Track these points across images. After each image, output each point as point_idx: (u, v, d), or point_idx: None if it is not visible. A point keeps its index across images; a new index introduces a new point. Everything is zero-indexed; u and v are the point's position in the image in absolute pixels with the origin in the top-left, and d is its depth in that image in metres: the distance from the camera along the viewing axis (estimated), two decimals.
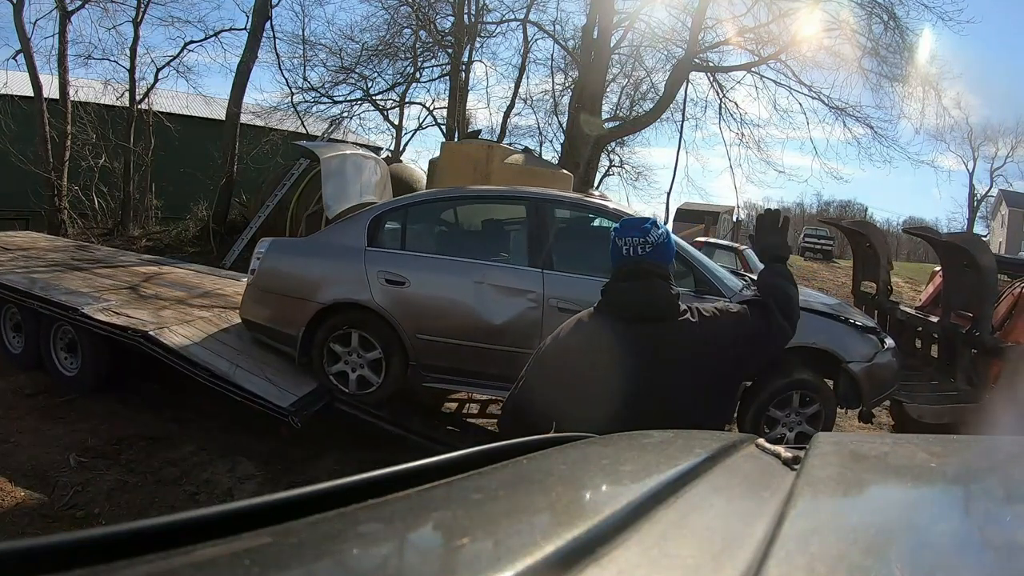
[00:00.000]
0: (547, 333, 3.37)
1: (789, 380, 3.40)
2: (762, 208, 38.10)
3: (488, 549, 0.43)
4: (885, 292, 5.92)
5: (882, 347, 3.57)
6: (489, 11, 12.88)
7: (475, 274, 3.49)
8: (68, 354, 4.10)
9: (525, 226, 3.63)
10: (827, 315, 3.53)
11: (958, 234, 4.94)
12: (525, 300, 3.43)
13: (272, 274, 3.71)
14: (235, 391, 3.42)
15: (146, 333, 3.56)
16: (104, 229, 10.65)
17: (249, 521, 0.42)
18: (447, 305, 3.53)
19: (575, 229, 3.90)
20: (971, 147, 28.98)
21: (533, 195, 3.73)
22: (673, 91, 11.74)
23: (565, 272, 3.48)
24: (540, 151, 13.66)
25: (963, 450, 0.86)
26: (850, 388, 3.47)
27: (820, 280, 15.87)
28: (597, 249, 3.78)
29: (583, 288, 3.42)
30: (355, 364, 3.61)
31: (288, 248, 3.90)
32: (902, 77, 11.69)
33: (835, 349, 3.43)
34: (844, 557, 0.42)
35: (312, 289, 3.59)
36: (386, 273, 3.50)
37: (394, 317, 3.48)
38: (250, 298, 3.83)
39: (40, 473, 3.19)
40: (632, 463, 0.72)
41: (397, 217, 3.73)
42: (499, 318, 3.44)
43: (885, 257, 5.99)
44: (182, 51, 11.88)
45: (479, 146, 7.10)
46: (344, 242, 3.64)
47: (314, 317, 3.55)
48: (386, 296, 3.49)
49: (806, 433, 3.45)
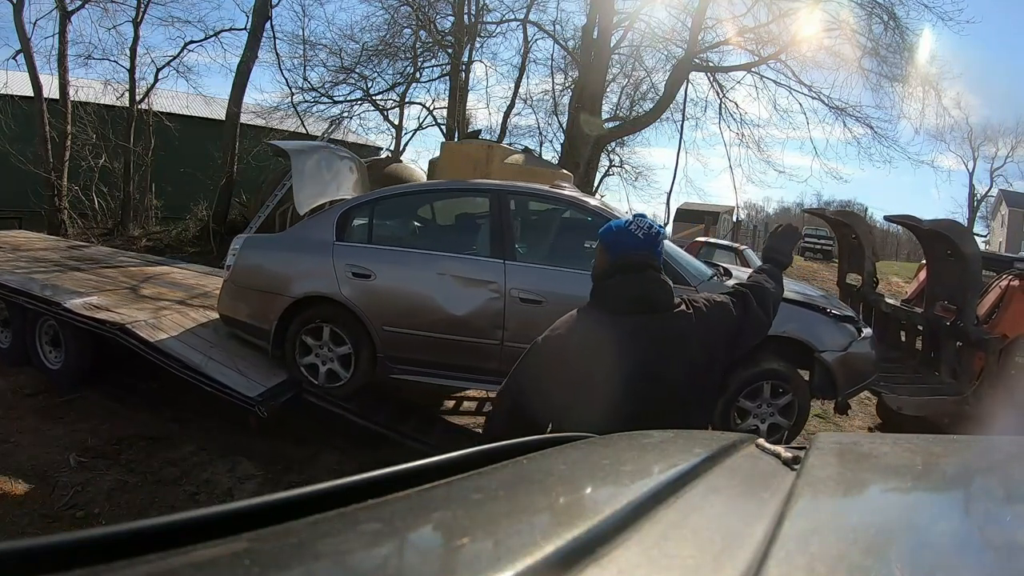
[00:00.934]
0: (510, 323, 3.42)
1: (758, 370, 3.33)
2: (762, 208, 37.29)
3: (488, 549, 0.43)
4: (870, 284, 5.84)
5: (858, 336, 3.49)
6: (489, 11, 12.89)
7: (438, 266, 3.51)
8: (52, 348, 4.20)
9: (488, 218, 3.65)
10: (800, 303, 3.44)
11: (941, 221, 4.80)
12: (487, 291, 3.44)
13: (246, 270, 3.76)
14: (206, 382, 3.50)
15: (123, 326, 3.66)
16: (104, 229, 10.66)
17: (249, 521, 0.42)
18: (412, 297, 3.55)
19: (537, 220, 3.91)
20: (971, 147, 28.99)
21: (495, 187, 3.75)
22: (673, 91, 11.75)
23: (526, 263, 3.50)
24: (540, 151, 13.67)
25: (963, 450, 0.86)
26: (824, 378, 3.39)
27: (820, 280, 15.85)
28: (559, 239, 3.79)
29: (545, 278, 3.44)
30: (325, 357, 3.64)
31: (261, 244, 3.92)
32: (902, 77, 11.70)
33: (807, 338, 3.35)
34: (844, 557, 0.42)
35: (284, 284, 3.63)
36: (353, 266, 3.53)
37: (361, 310, 3.51)
38: (226, 294, 3.88)
39: (40, 473, 3.19)
40: (632, 463, 0.72)
41: (365, 212, 3.77)
42: (462, 309, 3.46)
43: (870, 248, 5.89)
44: (182, 51, 11.91)
45: (479, 146, 7.11)
46: (314, 237, 3.68)
47: (286, 311, 3.58)
48: (353, 289, 3.52)
49: (779, 425, 3.40)
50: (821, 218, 8.63)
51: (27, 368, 4.27)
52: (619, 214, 3.78)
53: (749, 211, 35.86)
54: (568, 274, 3.42)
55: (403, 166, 10.62)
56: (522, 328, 3.39)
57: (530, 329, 3.37)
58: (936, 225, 4.65)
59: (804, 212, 18.16)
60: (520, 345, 3.43)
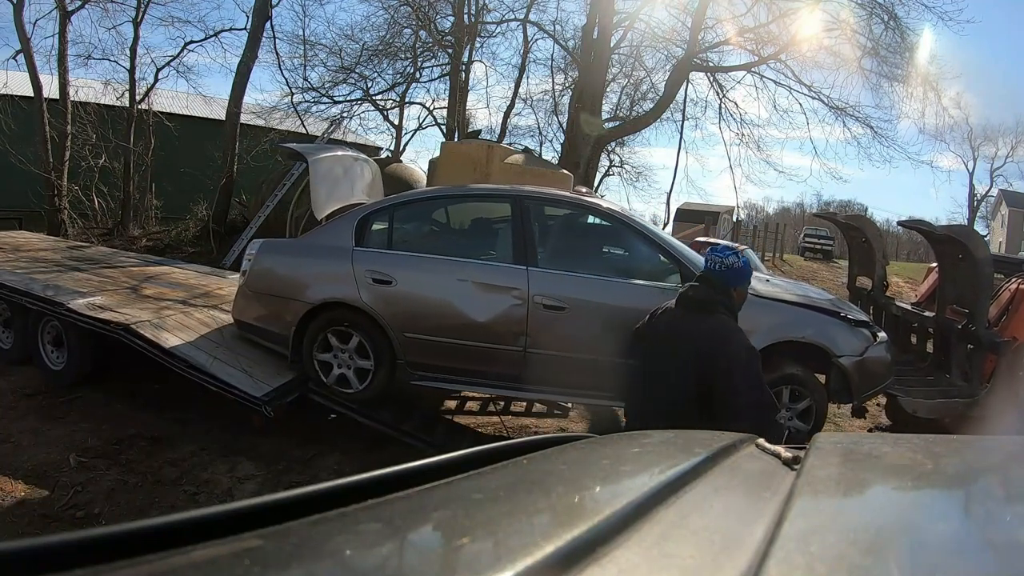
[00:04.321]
0: (532, 330, 3.47)
1: (778, 375, 3.35)
2: (762, 208, 37.37)
3: (488, 549, 0.43)
4: (880, 287, 5.88)
5: (874, 341, 3.52)
6: (489, 11, 12.89)
7: (460, 272, 3.49)
8: (55, 348, 4.19)
9: (510, 224, 3.62)
10: (817, 308, 3.49)
11: (954, 226, 4.88)
12: (510, 297, 3.43)
13: (263, 275, 3.73)
14: (211, 381, 3.49)
15: (127, 326, 3.65)
16: (104, 229, 10.66)
17: (249, 521, 0.42)
18: (433, 303, 3.54)
19: (560, 226, 3.89)
20: (971, 147, 29.04)
21: (517, 193, 3.72)
22: (673, 91, 11.74)
23: (550, 269, 3.48)
24: (540, 151, 13.66)
25: (963, 450, 0.86)
26: (841, 382, 3.42)
27: (820, 279, 15.86)
28: (582, 246, 3.78)
29: (568, 285, 3.42)
30: (344, 362, 3.62)
31: (278, 249, 3.91)
32: (902, 77, 11.69)
33: (825, 343, 3.38)
34: (844, 557, 0.42)
35: (302, 289, 3.61)
36: (373, 272, 3.51)
37: (381, 316, 3.50)
38: (242, 299, 3.86)
39: (40, 473, 3.19)
40: (632, 463, 0.72)
41: (384, 217, 3.74)
42: (484, 316, 3.44)
43: (880, 252, 5.93)
44: (182, 51, 11.88)
45: (479, 146, 7.10)
46: (333, 242, 3.66)
47: (304, 316, 3.57)
48: (373, 295, 3.50)
49: (797, 429, 3.41)
50: (831, 221, 8.71)
51: (28, 368, 4.28)
52: (640, 219, 3.78)
53: (749, 211, 35.89)
54: (591, 280, 3.42)
55: (403, 166, 10.63)
56: (544, 335, 3.40)
57: (552, 336, 3.41)
58: (949, 230, 4.75)
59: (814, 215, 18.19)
60: (542, 352, 3.47)
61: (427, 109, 13.72)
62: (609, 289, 3.41)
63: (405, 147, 13.75)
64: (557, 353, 3.40)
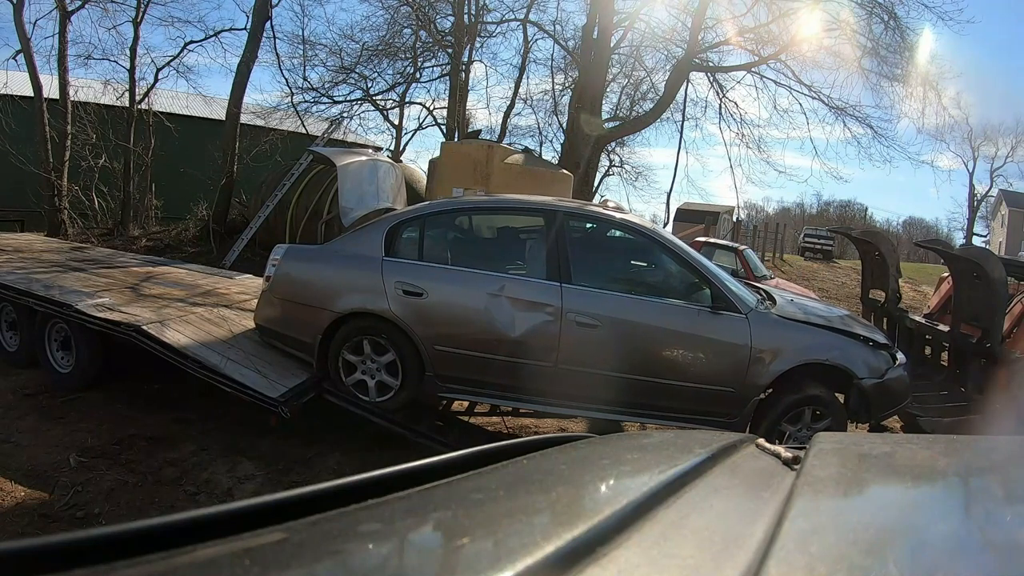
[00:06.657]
0: (564, 346, 3.41)
1: (802, 396, 3.43)
2: (762, 208, 37.50)
3: (488, 549, 0.43)
4: (894, 300, 5.97)
5: (894, 363, 3.59)
6: (489, 11, 12.90)
7: (493, 286, 3.46)
8: (63, 351, 4.15)
9: (543, 238, 3.60)
10: (841, 331, 3.56)
11: (971, 248, 5.06)
12: (543, 313, 3.41)
13: (288, 281, 3.69)
14: (225, 383, 3.44)
15: (139, 327, 3.61)
16: (104, 229, 10.65)
17: (249, 521, 0.42)
18: (465, 317, 3.51)
19: (594, 242, 3.86)
20: (971, 147, 29.05)
21: (552, 207, 3.68)
22: (673, 91, 11.74)
23: (583, 286, 3.46)
24: (540, 151, 13.68)
25: (963, 450, 0.86)
26: (860, 403, 3.48)
27: (820, 280, 15.86)
28: (614, 262, 3.77)
29: (602, 302, 3.41)
30: (370, 371, 3.59)
31: (304, 255, 3.86)
32: (902, 77, 11.70)
33: (847, 365, 3.45)
34: (844, 557, 0.42)
35: (329, 298, 3.56)
36: (404, 284, 3.48)
37: (411, 328, 3.46)
38: (265, 304, 3.82)
39: (40, 473, 3.19)
40: (632, 463, 0.72)
41: (415, 227, 3.68)
42: (516, 331, 3.42)
43: (894, 266, 6.03)
44: (182, 51, 11.87)
45: (479, 146, 7.10)
46: (361, 251, 3.61)
47: (330, 325, 3.53)
48: (403, 307, 3.46)
49: None
50: (846, 237, 8.84)
51: (28, 368, 4.26)
52: (672, 238, 3.77)
53: (749, 211, 35.87)
54: (624, 299, 3.43)
55: (403, 166, 10.62)
56: (575, 351, 3.39)
57: (583, 352, 3.42)
58: (966, 252, 4.94)
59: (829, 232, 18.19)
60: (574, 368, 3.46)
61: (427, 109, 13.76)
62: (641, 308, 3.44)
63: (405, 147, 13.79)
64: (587, 369, 3.40)
